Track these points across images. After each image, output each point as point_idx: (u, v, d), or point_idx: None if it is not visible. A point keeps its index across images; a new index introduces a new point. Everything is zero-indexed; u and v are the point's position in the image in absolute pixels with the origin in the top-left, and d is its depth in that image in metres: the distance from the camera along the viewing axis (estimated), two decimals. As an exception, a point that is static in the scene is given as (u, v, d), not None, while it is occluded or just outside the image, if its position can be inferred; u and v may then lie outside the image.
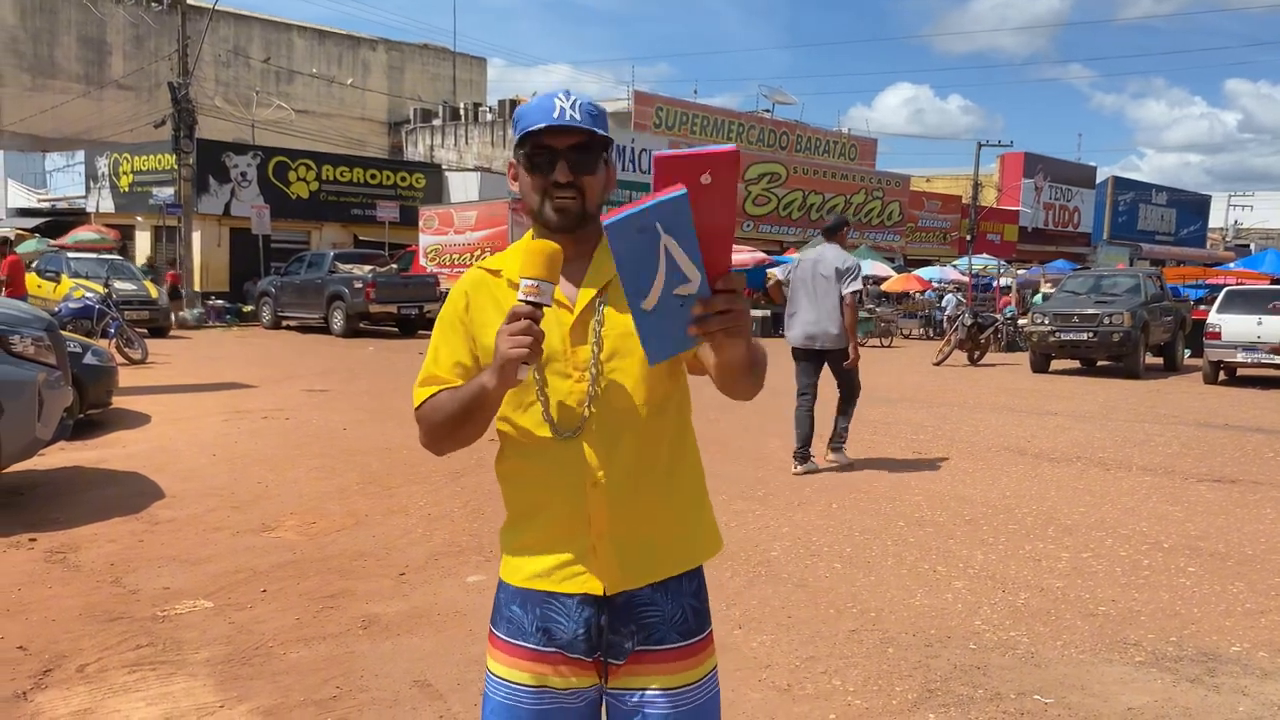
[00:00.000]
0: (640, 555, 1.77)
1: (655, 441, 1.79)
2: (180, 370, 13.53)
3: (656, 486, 1.79)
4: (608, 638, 1.76)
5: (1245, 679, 3.84)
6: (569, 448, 1.74)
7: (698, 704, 1.80)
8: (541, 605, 1.78)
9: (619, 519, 1.75)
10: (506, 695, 1.80)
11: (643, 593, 1.77)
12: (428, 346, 1.87)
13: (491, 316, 1.77)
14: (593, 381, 1.73)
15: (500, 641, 1.82)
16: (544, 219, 1.76)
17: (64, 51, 35.10)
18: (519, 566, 1.81)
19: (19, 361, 5.83)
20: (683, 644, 1.79)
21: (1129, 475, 7.86)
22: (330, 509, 6.10)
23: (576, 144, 1.73)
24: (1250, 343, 15.16)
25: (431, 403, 1.80)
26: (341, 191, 29.00)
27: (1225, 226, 71.44)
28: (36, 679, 3.57)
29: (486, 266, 1.86)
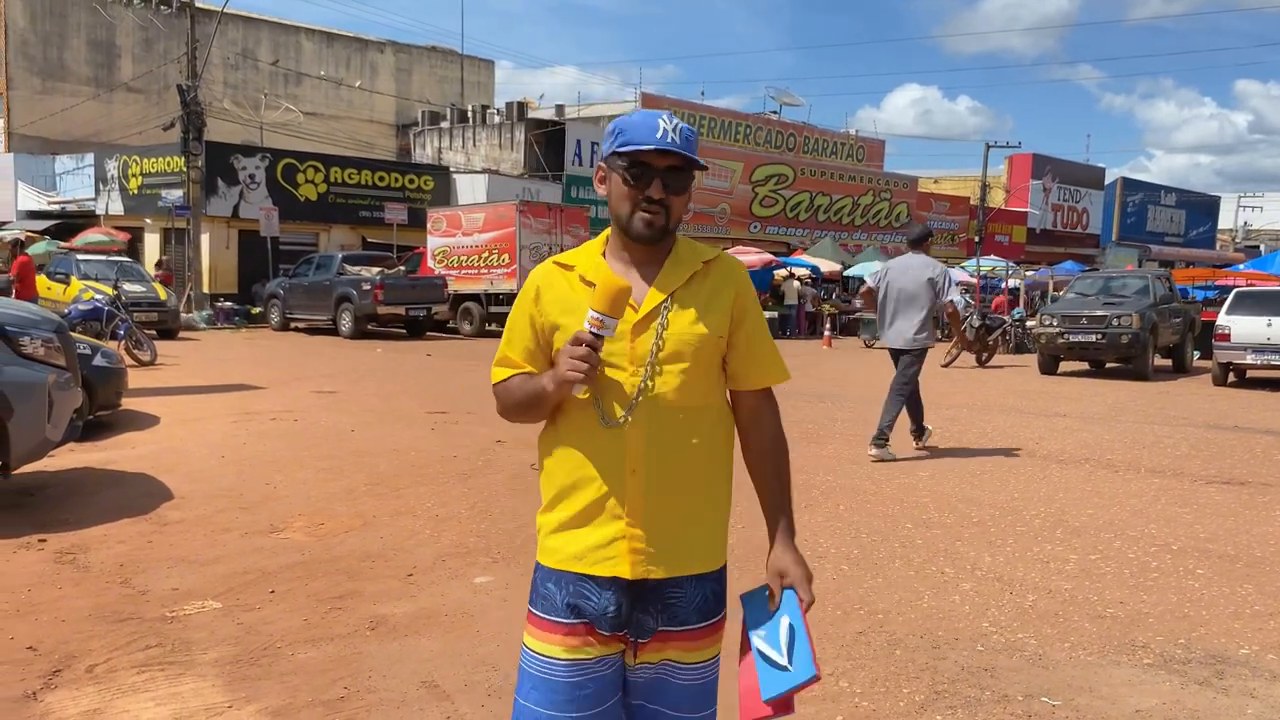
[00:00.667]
0: (668, 548, 1.91)
1: (694, 444, 1.93)
2: (189, 372, 13.57)
3: (691, 487, 1.94)
4: (636, 617, 1.91)
5: (1254, 681, 3.83)
6: (614, 436, 1.88)
7: (707, 680, 2.00)
8: (574, 584, 1.92)
9: (652, 509, 1.90)
10: (542, 668, 1.95)
11: (670, 580, 1.92)
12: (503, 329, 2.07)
13: (561, 307, 1.95)
14: (646, 376, 1.88)
15: (536, 618, 1.97)
16: (631, 228, 1.92)
17: (74, 55, 35.23)
18: (555, 548, 1.95)
19: (29, 363, 5.85)
20: (702, 625, 1.96)
21: (1138, 477, 7.84)
22: (338, 510, 6.11)
23: (672, 166, 1.90)
24: (1260, 344, 15.09)
25: (505, 384, 2.02)
26: (350, 193, 29.07)
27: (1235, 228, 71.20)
28: (46, 679, 3.59)
29: (560, 261, 2.03)
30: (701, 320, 1.93)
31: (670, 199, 1.91)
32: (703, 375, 1.93)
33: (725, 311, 1.96)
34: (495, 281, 22.59)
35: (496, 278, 22.56)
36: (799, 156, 40.05)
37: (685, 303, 1.93)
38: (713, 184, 34.74)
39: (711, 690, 2.02)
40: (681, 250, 1.99)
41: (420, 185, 30.70)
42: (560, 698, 1.92)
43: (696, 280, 1.96)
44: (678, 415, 1.90)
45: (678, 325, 1.91)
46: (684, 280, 1.94)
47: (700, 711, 2.00)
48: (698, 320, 1.93)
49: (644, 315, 1.91)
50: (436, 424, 9.37)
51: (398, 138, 41.63)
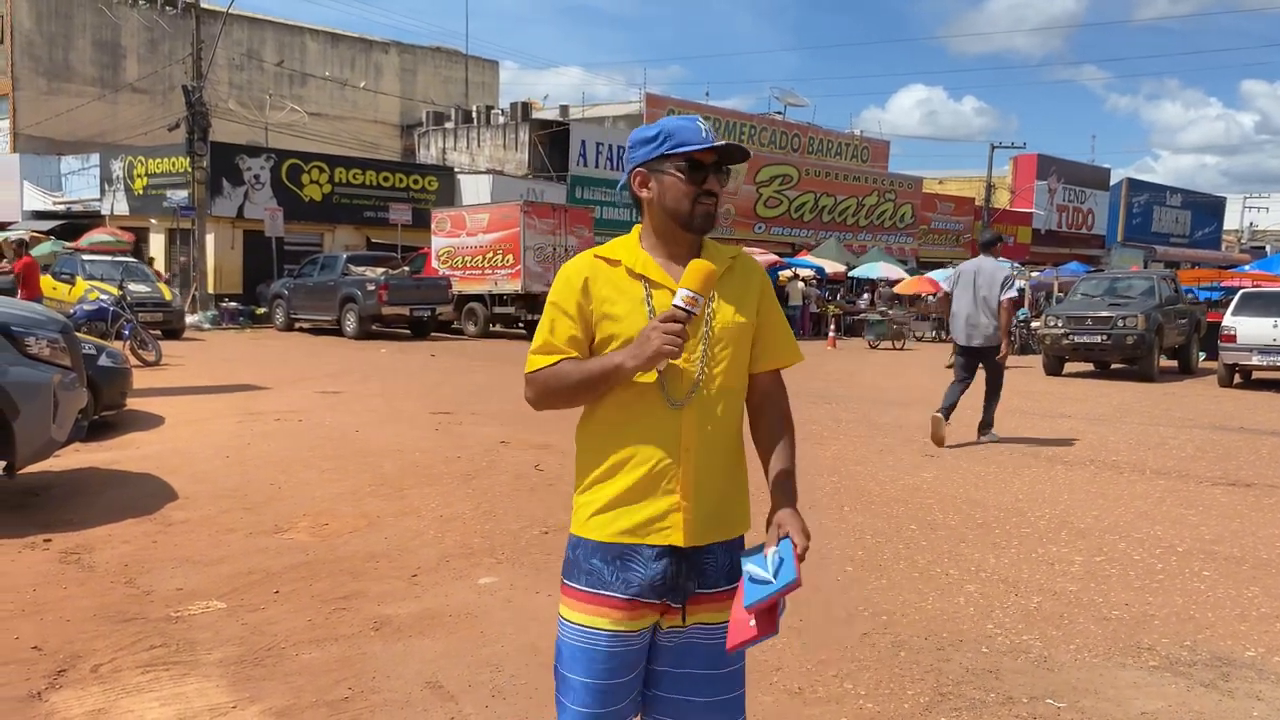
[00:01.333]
0: (714, 515, 2.11)
1: (735, 419, 2.16)
2: (194, 372, 13.59)
3: (729, 458, 2.15)
4: (677, 583, 2.07)
5: (1260, 684, 3.82)
6: (673, 415, 2.06)
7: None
8: (621, 556, 2.07)
9: (702, 482, 2.08)
10: (584, 639, 2.07)
11: (710, 547, 2.11)
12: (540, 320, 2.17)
13: (614, 298, 2.09)
14: (702, 363, 2.07)
15: (580, 592, 2.09)
16: (694, 222, 2.10)
17: (79, 55, 35.29)
18: (604, 523, 2.08)
19: (34, 363, 5.86)
20: (729, 586, 2.11)
21: (1143, 479, 7.82)
22: (342, 511, 6.12)
23: (716, 161, 2.10)
24: (1266, 345, 15.06)
25: (553, 370, 2.10)
26: (354, 194, 29.08)
27: (1240, 229, 71.06)
28: (51, 679, 3.59)
29: (603, 255, 2.15)
30: (739, 309, 2.13)
31: (722, 191, 2.13)
32: (740, 360, 2.14)
33: (753, 302, 2.17)
34: (500, 282, 22.59)
35: (501, 278, 22.56)
36: (804, 157, 40.01)
37: (724, 294, 2.12)
38: (717, 184, 34.71)
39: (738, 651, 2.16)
40: (709, 247, 2.17)
41: (425, 186, 30.71)
42: (602, 667, 2.06)
43: (728, 275, 2.14)
44: (722, 397, 2.10)
45: (723, 315, 2.11)
46: (722, 272, 2.12)
47: (728, 667, 2.14)
48: (737, 310, 2.13)
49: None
50: (441, 425, 9.38)
51: (402, 138, 41.65)
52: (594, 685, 2.06)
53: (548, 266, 22.32)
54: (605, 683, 2.06)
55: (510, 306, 22.57)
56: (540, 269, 22.20)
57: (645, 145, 2.10)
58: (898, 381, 15.64)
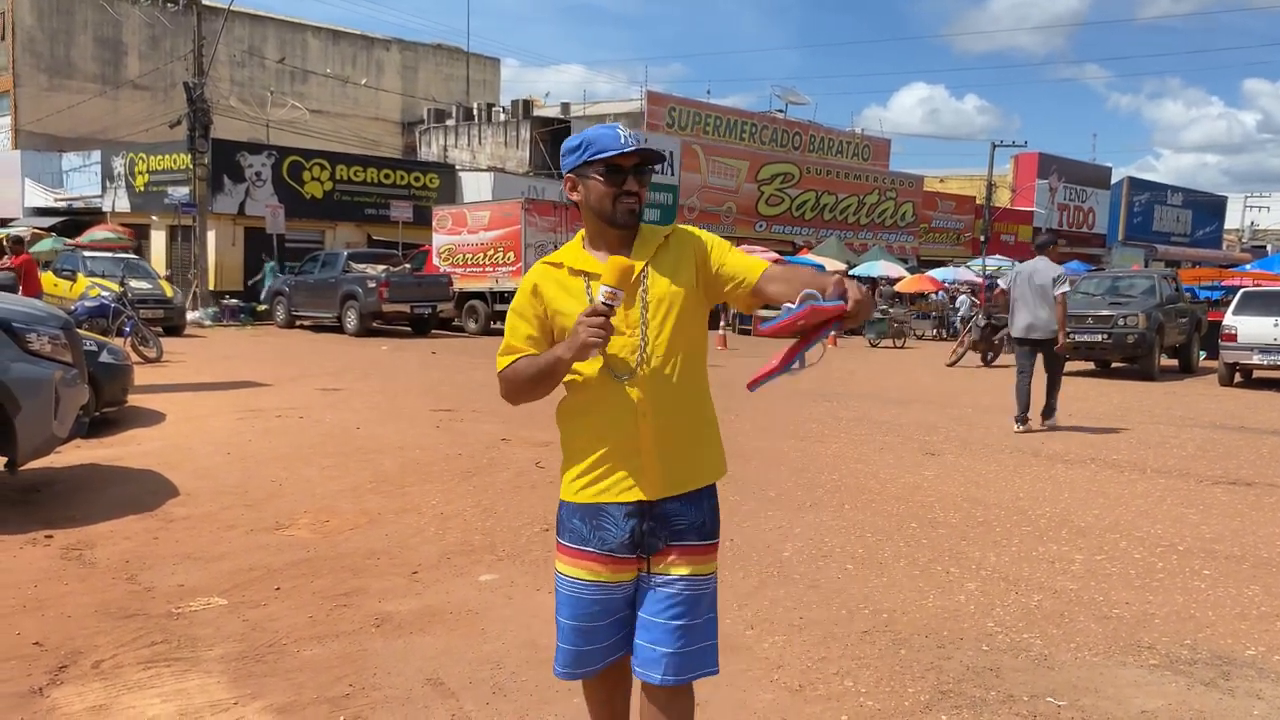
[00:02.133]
0: (677, 467, 2.36)
1: (688, 379, 2.37)
2: (195, 369, 13.60)
3: (689, 415, 2.39)
4: (646, 539, 2.35)
5: (1260, 683, 3.82)
6: (624, 388, 2.31)
7: (708, 591, 2.42)
8: (595, 516, 2.36)
9: (663, 441, 2.33)
10: (571, 588, 2.41)
11: (672, 505, 2.36)
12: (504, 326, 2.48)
13: (560, 296, 2.36)
14: (642, 336, 2.32)
15: (566, 548, 2.42)
16: (616, 218, 2.34)
17: (80, 52, 35.29)
18: (579, 487, 2.39)
19: (36, 359, 5.86)
20: (700, 543, 2.39)
21: (1143, 477, 7.82)
22: (343, 507, 6.12)
23: (638, 163, 2.34)
24: (1267, 345, 15.05)
25: (513, 367, 2.40)
26: (355, 191, 29.09)
27: (1241, 228, 71.01)
28: (52, 675, 3.59)
29: (550, 261, 2.44)
30: (676, 278, 2.36)
31: (641, 190, 2.35)
32: (686, 323, 2.35)
33: (691, 266, 2.38)
34: (500, 279, 22.59)
35: (502, 276, 22.56)
36: (805, 155, 40.00)
37: (659, 269, 2.36)
38: (719, 183, 34.73)
39: (706, 600, 2.41)
40: (644, 232, 2.42)
41: (426, 183, 30.72)
42: (586, 611, 2.39)
43: (662, 251, 2.39)
44: (671, 360, 2.33)
45: (658, 286, 2.35)
46: (652, 252, 2.38)
47: (700, 617, 2.39)
48: (673, 279, 2.36)
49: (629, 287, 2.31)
50: (441, 422, 9.38)
51: (403, 135, 41.65)
52: (578, 626, 2.40)
53: (548, 264, 22.29)
54: (587, 624, 2.39)
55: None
56: (541, 266, 22.17)
57: (571, 154, 2.35)
58: (898, 379, 15.64)
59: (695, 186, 33.80)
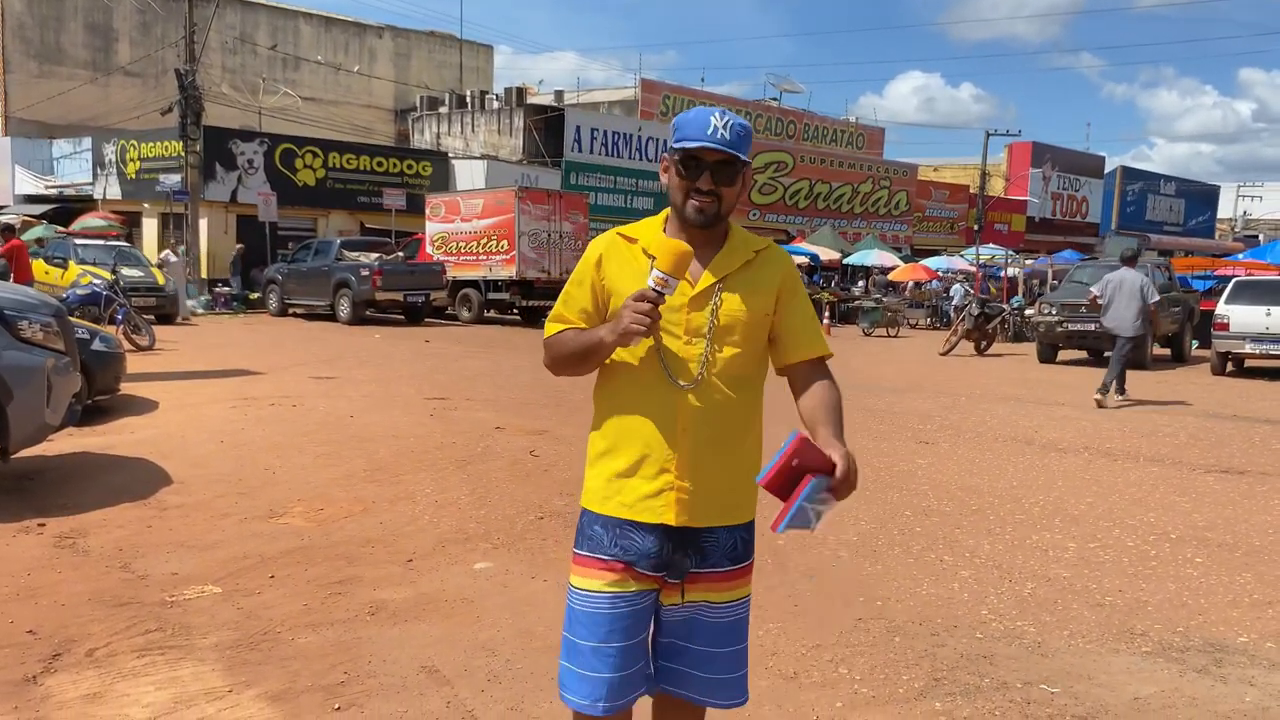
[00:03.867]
0: (710, 500, 2.15)
1: (739, 409, 2.17)
2: (187, 357, 13.55)
3: (732, 447, 2.17)
4: (674, 559, 2.14)
5: (1252, 669, 3.84)
6: (671, 397, 2.12)
7: (736, 619, 2.23)
8: (620, 527, 2.16)
9: (699, 466, 2.13)
10: (586, 603, 2.17)
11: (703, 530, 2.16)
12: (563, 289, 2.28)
13: (622, 273, 2.18)
14: (707, 348, 2.13)
15: (582, 557, 2.20)
16: (685, 215, 2.14)
17: (70, 38, 35.04)
18: (606, 496, 2.18)
19: (28, 347, 5.84)
20: (731, 568, 2.20)
21: (1136, 466, 7.85)
22: (337, 496, 6.11)
23: (722, 160, 2.10)
24: (1259, 334, 15.11)
25: (559, 337, 2.23)
26: (348, 179, 28.98)
27: (1234, 217, 71.10)
28: (46, 663, 3.59)
29: (624, 233, 2.24)
30: (751, 301, 2.16)
31: (720, 189, 2.12)
32: (750, 350, 2.17)
33: (771, 294, 2.19)
34: (494, 268, 22.53)
35: (495, 264, 22.50)
36: (799, 144, 39.96)
37: (737, 285, 2.16)
38: (712, 171, 34.66)
39: (740, 628, 2.24)
40: (736, 238, 2.21)
41: (419, 171, 30.61)
42: (603, 630, 2.14)
43: (748, 266, 2.18)
44: (725, 384, 2.14)
45: (730, 304, 2.14)
46: (737, 266, 2.17)
47: (731, 646, 2.22)
48: (747, 301, 2.15)
49: (699, 292, 2.14)
50: (436, 410, 9.37)
51: (396, 123, 41.48)
52: (599, 649, 2.14)
53: (542, 252, 22.27)
54: (610, 644, 2.13)
55: (505, 292, 22.50)
56: (535, 255, 22.15)
57: (674, 133, 2.15)
58: (892, 368, 15.66)
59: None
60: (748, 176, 2.20)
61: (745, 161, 2.12)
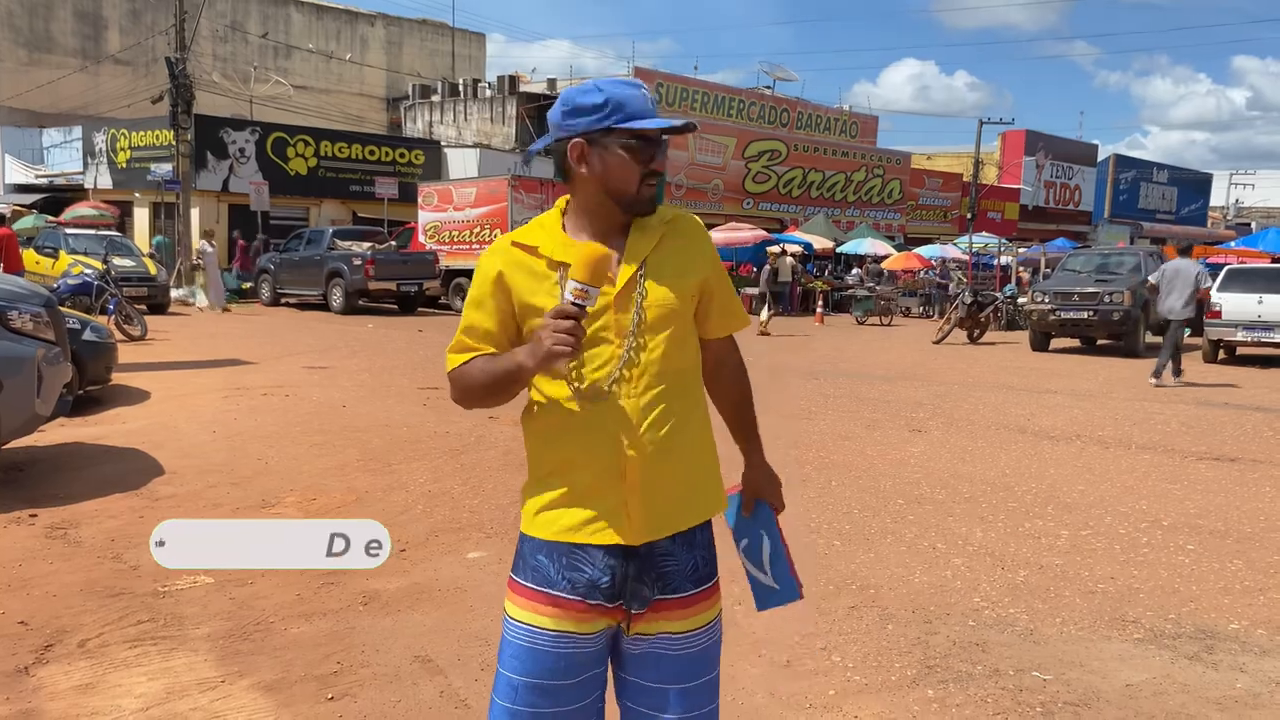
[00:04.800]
0: (665, 508, 1.92)
1: (684, 400, 1.94)
2: (179, 347, 13.51)
3: (682, 445, 1.93)
4: (631, 586, 1.89)
5: (1243, 656, 3.86)
6: (605, 409, 1.87)
7: (704, 646, 1.98)
8: (568, 555, 1.90)
9: (649, 475, 1.88)
10: (527, 638, 1.91)
11: (662, 544, 1.92)
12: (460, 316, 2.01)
13: (531, 288, 1.90)
14: (629, 349, 1.87)
15: (523, 588, 1.93)
16: (638, 201, 1.91)
17: (60, 26, 34.82)
18: (549, 521, 1.92)
19: (18, 337, 5.81)
20: (695, 590, 1.96)
21: (1128, 453, 7.87)
22: (330, 486, 6.10)
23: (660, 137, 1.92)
24: (1251, 321, 15.15)
25: (465, 368, 1.96)
26: (340, 168, 28.89)
27: (1226, 205, 71.20)
28: (38, 654, 3.58)
29: (519, 242, 1.95)
30: (678, 283, 1.93)
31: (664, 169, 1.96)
32: (685, 337, 1.95)
33: (697, 273, 1.97)
34: (487, 257, 22.49)
35: (488, 253, 22.47)
36: (792, 132, 39.85)
37: (659, 267, 1.92)
38: (706, 160, 34.58)
39: (710, 656, 2.00)
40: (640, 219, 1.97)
41: (411, 160, 30.52)
42: (543, 667, 1.89)
43: (666, 242, 1.95)
44: (666, 381, 1.90)
45: (656, 292, 1.90)
46: (653, 245, 1.93)
47: (698, 679, 1.97)
48: (673, 285, 1.92)
49: (623, 286, 1.88)
50: (429, 399, 9.36)
51: (388, 112, 41.32)
52: (537, 685, 1.89)
53: (535, 241, 22.23)
54: (549, 683, 1.89)
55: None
56: (528, 244, 22.11)
57: (585, 115, 1.87)
58: (885, 356, 15.67)
59: (682, 163, 33.65)
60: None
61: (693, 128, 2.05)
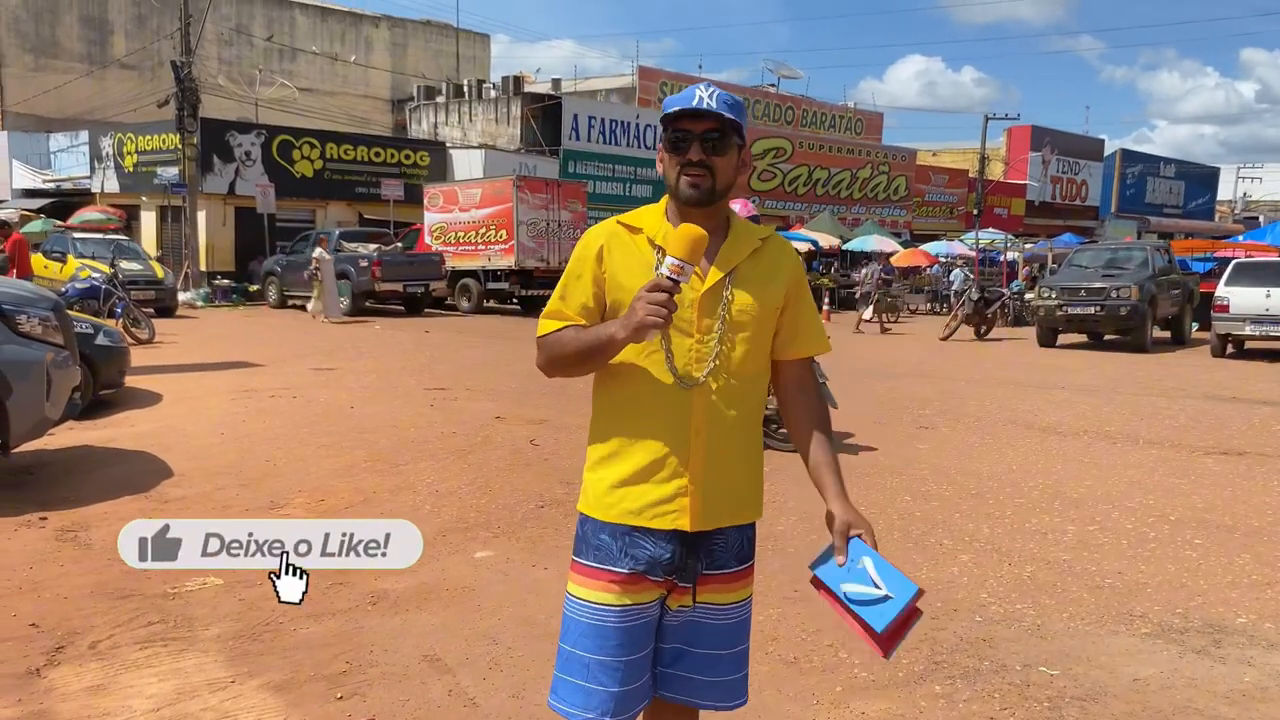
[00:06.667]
0: (722, 501, 2.06)
1: (748, 407, 2.08)
2: (187, 350, 13.56)
3: (742, 445, 2.09)
4: (686, 563, 2.05)
5: (1251, 650, 3.85)
6: (683, 397, 2.00)
7: (740, 619, 2.16)
8: (630, 535, 2.04)
9: (712, 467, 2.03)
10: (593, 615, 2.05)
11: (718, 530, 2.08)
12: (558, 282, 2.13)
13: (627, 266, 2.04)
14: (717, 346, 2.01)
15: (588, 568, 2.07)
16: (679, 194, 2.02)
17: (66, 31, 34.91)
18: (612, 503, 2.05)
19: (27, 341, 5.84)
20: (738, 569, 2.13)
21: (1136, 448, 7.86)
22: (338, 487, 6.12)
23: (710, 129, 1.99)
24: (1259, 315, 15.10)
25: (557, 336, 2.07)
26: (346, 170, 28.93)
27: (1234, 199, 70.92)
28: (49, 656, 3.60)
29: (625, 222, 2.10)
30: (762, 295, 2.06)
31: (713, 160, 1.99)
32: (759, 346, 2.08)
33: (781, 288, 2.09)
34: (493, 258, 22.50)
35: (494, 254, 22.48)
36: (797, 130, 39.85)
37: (747, 277, 2.05)
38: (710, 158, 34.60)
39: (743, 629, 2.17)
40: (739, 228, 2.09)
41: (416, 161, 30.55)
42: (612, 643, 2.03)
43: (755, 256, 2.07)
44: (738, 382, 2.04)
45: (741, 299, 2.03)
46: (745, 256, 2.06)
47: (733, 648, 2.14)
48: (759, 295, 2.05)
49: (710, 286, 2.02)
50: (435, 400, 9.37)
51: (393, 113, 41.36)
52: (605, 663, 2.02)
53: (541, 242, 22.26)
54: (617, 659, 2.02)
55: (504, 282, 22.48)
56: (534, 244, 22.15)
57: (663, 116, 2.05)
58: (892, 353, 15.66)
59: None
60: (746, 155, 2.08)
61: (737, 129, 2.01)
